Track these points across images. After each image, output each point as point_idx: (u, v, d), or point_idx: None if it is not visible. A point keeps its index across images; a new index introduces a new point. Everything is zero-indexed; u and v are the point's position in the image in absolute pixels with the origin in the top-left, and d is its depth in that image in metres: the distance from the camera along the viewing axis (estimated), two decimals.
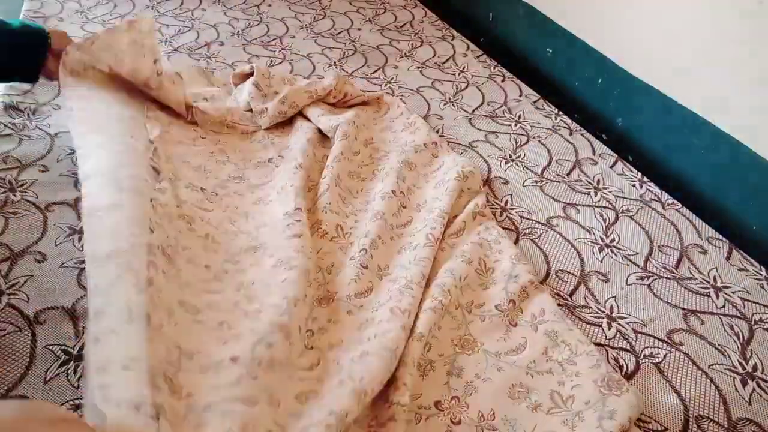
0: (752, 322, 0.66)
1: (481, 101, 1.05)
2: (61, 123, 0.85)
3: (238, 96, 0.95)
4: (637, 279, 0.70)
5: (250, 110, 0.92)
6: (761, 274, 0.72)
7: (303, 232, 0.66)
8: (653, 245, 0.75)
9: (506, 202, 0.81)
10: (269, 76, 0.95)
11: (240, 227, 0.69)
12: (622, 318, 0.65)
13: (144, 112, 0.81)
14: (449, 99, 1.05)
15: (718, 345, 0.62)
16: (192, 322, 0.53)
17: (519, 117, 1.01)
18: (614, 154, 0.93)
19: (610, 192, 0.84)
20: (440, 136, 0.93)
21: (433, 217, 0.71)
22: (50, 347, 0.54)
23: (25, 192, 0.71)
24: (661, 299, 0.67)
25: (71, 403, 0.50)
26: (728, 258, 0.74)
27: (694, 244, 0.76)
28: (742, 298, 0.68)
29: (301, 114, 0.93)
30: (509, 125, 0.98)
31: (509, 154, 0.91)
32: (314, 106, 0.92)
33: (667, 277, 0.70)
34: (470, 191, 0.78)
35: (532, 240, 0.74)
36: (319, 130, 0.89)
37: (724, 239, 0.77)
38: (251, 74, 0.96)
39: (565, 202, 0.81)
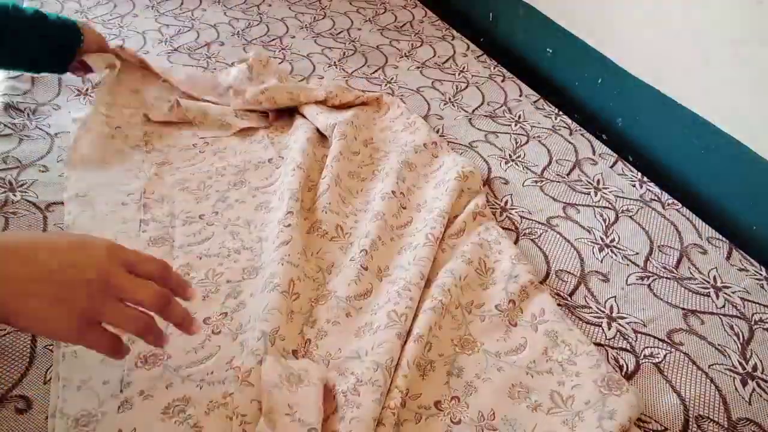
0: (752, 322, 0.66)
1: (481, 101, 1.05)
2: (61, 123, 0.85)
3: (231, 72, 0.97)
4: (637, 279, 0.70)
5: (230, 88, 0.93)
6: (761, 274, 0.72)
7: (292, 236, 0.65)
8: (653, 245, 0.75)
9: (506, 202, 0.81)
10: (266, 65, 0.96)
11: (243, 241, 0.69)
12: (622, 318, 0.65)
13: (143, 150, 0.82)
14: (449, 99, 1.05)
15: (718, 345, 0.62)
16: None
17: (519, 117, 1.01)
18: (614, 154, 0.93)
19: (610, 192, 0.84)
20: (440, 136, 0.93)
21: (433, 216, 0.71)
22: (50, 347, 0.54)
23: (25, 192, 0.72)
24: (661, 299, 0.67)
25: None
26: (728, 258, 0.74)
27: (694, 244, 0.76)
28: (742, 298, 0.68)
29: (299, 112, 0.93)
30: (509, 125, 0.98)
31: (509, 154, 0.91)
32: (312, 104, 0.92)
33: (667, 277, 0.70)
34: (470, 191, 0.78)
35: (532, 240, 0.74)
36: (319, 129, 0.89)
37: (724, 239, 0.77)
38: None
39: (565, 202, 0.81)
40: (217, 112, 0.89)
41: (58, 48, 0.80)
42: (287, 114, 0.93)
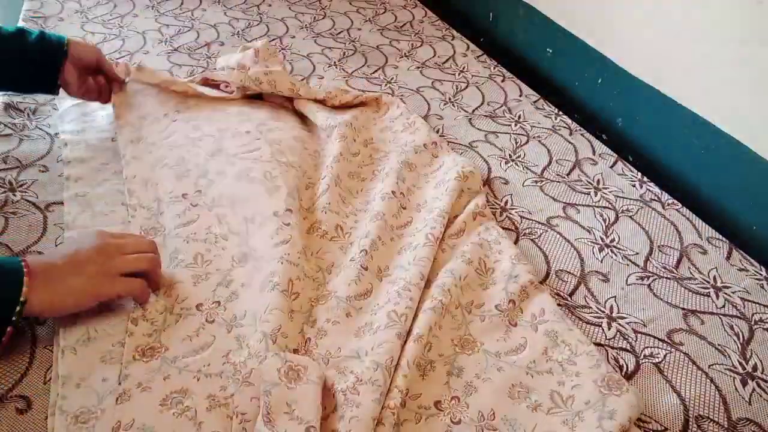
0: (752, 322, 0.66)
1: (481, 101, 1.05)
2: (61, 126, 0.85)
3: (236, 55, 0.97)
4: (637, 279, 0.70)
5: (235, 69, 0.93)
6: (761, 274, 0.72)
7: (291, 235, 0.65)
8: (653, 245, 0.75)
9: (506, 202, 0.81)
10: (273, 54, 0.97)
11: (229, 224, 0.68)
12: (622, 318, 0.65)
13: (125, 138, 0.81)
14: (449, 99, 1.05)
15: (718, 345, 0.62)
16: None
17: (519, 117, 1.01)
18: (614, 154, 0.93)
19: (610, 192, 0.84)
20: (440, 136, 0.93)
21: (433, 216, 0.71)
22: (50, 347, 0.54)
23: (25, 192, 0.72)
24: (661, 299, 0.67)
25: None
26: (728, 258, 0.74)
27: (694, 244, 0.76)
28: (742, 298, 0.68)
29: (293, 108, 0.93)
30: (509, 125, 0.98)
31: (509, 154, 0.91)
32: (311, 102, 0.92)
33: (667, 277, 0.70)
34: (470, 191, 0.78)
35: (532, 240, 0.74)
36: (302, 122, 0.89)
37: (724, 239, 0.77)
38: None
39: (565, 202, 0.81)
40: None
41: (40, 65, 0.75)
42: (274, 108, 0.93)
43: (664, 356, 0.60)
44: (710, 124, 0.87)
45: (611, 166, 0.90)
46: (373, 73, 1.12)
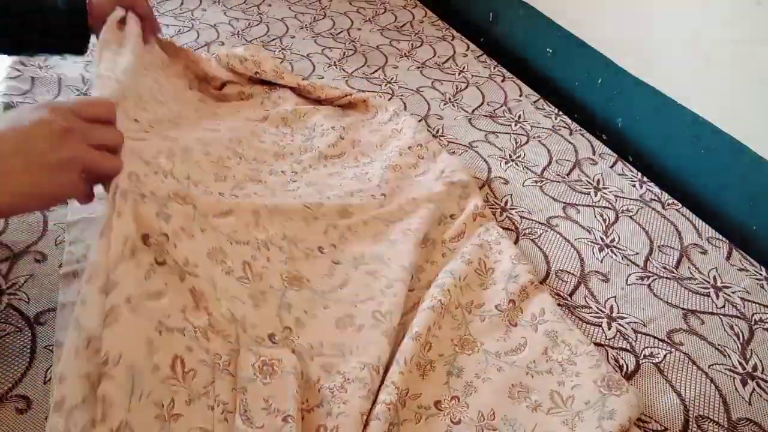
0: (752, 322, 0.66)
1: (481, 101, 1.05)
2: None
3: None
4: (637, 279, 0.70)
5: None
6: (761, 274, 0.72)
7: (238, 204, 0.62)
8: (653, 245, 0.75)
9: (506, 202, 0.81)
10: (261, 51, 1.00)
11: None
12: (622, 318, 0.65)
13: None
14: (449, 99, 1.05)
15: (718, 345, 0.62)
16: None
17: (519, 117, 1.01)
18: (614, 154, 0.93)
19: (610, 192, 0.84)
20: (440, 136, 0.93)
21: (418, 212, 0.71)
22: (50, 347, 0.54)
23: None
24: (661, 299, 0.67)
25: None
26: (728, 258, 0.74)
27: (694, 244, 0.76)
28: (742, 298, 0.68)
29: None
30: (509, 125, 0.98)
31: (509, 154, 0.91)
32: (295, 96, 0.94)
33: (667, 277, 0.70)
34: (459, 183, 0.77)
35: (532, 240, 0.74)
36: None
37: (724, 239, 0.77)
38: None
39: (565, 202, 0.81)
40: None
41: (65, 25, 0.70)
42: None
43: (664, 356, 0.60)
44: (710, 124, 0.87)
45: (611, 166, 0.90)
46: (373, 73, 1.12)
